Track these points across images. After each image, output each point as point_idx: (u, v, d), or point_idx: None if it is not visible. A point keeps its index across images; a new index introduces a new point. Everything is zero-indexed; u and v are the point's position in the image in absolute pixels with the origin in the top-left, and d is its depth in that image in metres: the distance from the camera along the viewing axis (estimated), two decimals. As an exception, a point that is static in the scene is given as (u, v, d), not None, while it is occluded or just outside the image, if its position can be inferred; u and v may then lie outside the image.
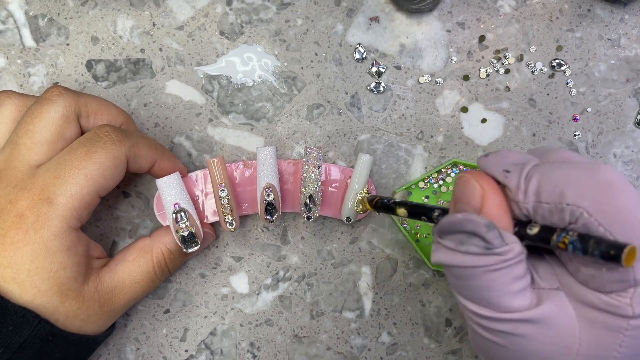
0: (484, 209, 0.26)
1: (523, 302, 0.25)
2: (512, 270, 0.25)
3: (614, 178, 0.24)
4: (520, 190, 0.26)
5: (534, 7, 0.42)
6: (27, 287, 0.30)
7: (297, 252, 0.41)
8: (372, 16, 0.41)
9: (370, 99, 0.41)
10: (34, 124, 0.32)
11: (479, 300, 0.26)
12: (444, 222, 0.26)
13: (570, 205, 0.24)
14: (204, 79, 0.41)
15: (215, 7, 0.41)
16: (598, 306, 0.25)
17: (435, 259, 0.27)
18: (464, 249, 0.25)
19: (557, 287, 0.26)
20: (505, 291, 0.25)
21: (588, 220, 0.23)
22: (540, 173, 0.25)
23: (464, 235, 0.25)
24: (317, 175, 0.37)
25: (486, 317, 0.26)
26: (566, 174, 0.25)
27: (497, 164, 0.27)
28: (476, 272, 0.25)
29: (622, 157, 0.41)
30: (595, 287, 0.25)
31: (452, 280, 0.27)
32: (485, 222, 0.24)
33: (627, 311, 0.24)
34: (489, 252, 0.25)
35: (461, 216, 0.25)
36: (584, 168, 0.25)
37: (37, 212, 0.30)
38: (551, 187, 0.25)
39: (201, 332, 0.40)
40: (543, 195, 0.25)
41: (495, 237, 0.25)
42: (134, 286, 0.35)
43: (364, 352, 0.41)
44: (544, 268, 0.27)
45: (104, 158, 0.32)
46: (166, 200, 0.35)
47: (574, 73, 0.41)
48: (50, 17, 0.41)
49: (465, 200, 0.26)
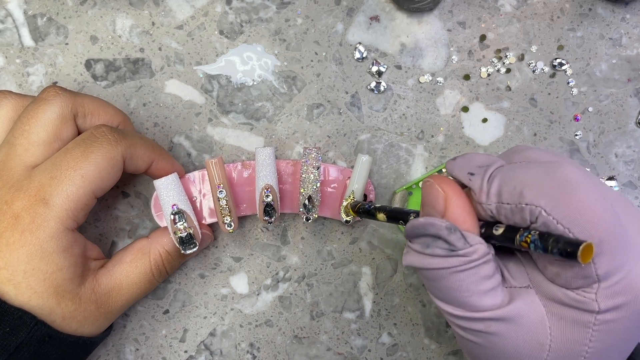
0: (447, 212, 0.26)
1: (494, 300, 0.26)
2: (479, 270, 0.26)
3: (572, 175, 0.24)
4: (482, 191, 0.26)
5: (535, 6, 0.41)
6: (23, 288, 0.30)
7: (297, 253, 0.41)
8: (373, 15, 0.41)
9: (370, 99, 0.41)
10: (31, 124, 0.32)
11: (451, 300, 0.27)
12: (409, 227, 0.27)
13: (529, 204, 0.24)
14: (203, 78, 0.41)
15: (215, 6, 0.41)
16: (566, 302, 0.25)
17: (406, 261, 0.28)
18: (429, 251, 0.26)
19: (528, 285, 0.27)
20: (474, 291, 0.26)
21: (547, 219, 0.24)
22: (502, 174, 0.26)
23: (429, 238, 0.26)
24: (316, 176, 0.37)
25: (460, 316, 0.27)
26: (526, 174, 0.25)
27: (463, 167, 0.28)
28: (443, 273, 0.26)
29: (624, 157, 0.41)
30: (562, 284, 0.25)
31: (425, 282, 0.28)
32: (446, 224, 0.25)
33: (593, 306, 0.24)
34: (452, 254, 0.26)
35: (423, 220, 0.26)
36: (543, 167, 0.25)
37: (33, 213, 0.30)
38: (511, 187, 0.25)
39: (201, 333, 0.40)
40: (504, 196, 0.25)
41: (458, 239, 0.25)
42: (132, 288, 0.35)
43: (364, 352, 0.40)
44: (515, 266, 0.28)
45: (100, 158, 0.32)
46: (164, 201, 0.35)
47: (575, 72, 0.41)
48: (49, 17, 0.41)
49: (430, 205, 0.27)
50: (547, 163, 0.26)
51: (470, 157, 0.29)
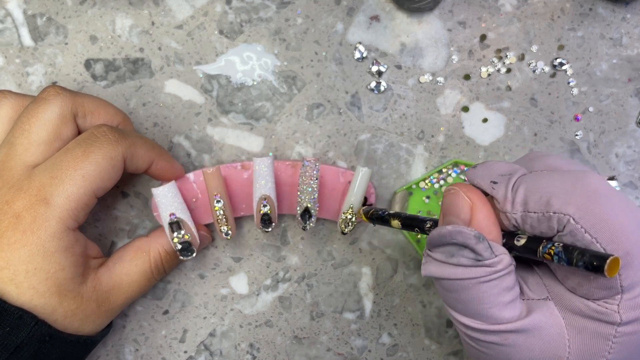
0: (473, 221, 0.26)
1: (513, 312, 0.26)
2: (502, 281, 0.25)
3: (599, 186, 0.24)
4: (507, 200, 0.26)
5: (536, 6, 0.41)
6: (25, 288, 0.30)
7: (297, 253, 0.40)
8: (373, 15, 0.41)
9: (370, 99, 0.41)
10: (31, 124, 0.32)
11: (469, 312, 0.26)
12: (434, 235, 0.26)
13: (557, 213, 0.24)
14: (203, 78, 0.41)
15: (215, 6, 0.41)
16: (586, 314, 0.25)
17: (426, 272, 0.27)
18: (454, 261, 0.26)
19: (546, 297, 0.27)
20: (495, 302, 0.25)
21: (575, 227, 0.24)
22: (526, 183, 0.26)
23: (454, 247, 0.26)
24: (314, 187, 0.36)
25: (476, 329, 0.26)
26: (552, 183, 0.25)
27: (484, 176, 0.28)
28: (466, 284, 0.26)
29: (624, 157, 0.41)
30: (583, 294, 0.25)
31: (443, 293, 0.27)
32: (474, 233, 0.25)
33: (615, 318, 0.24)
34: (479, 264, 0.25)
35: (451, 228, 0.25)
36: (569, 176, 0.25)
37: (34, 212, 0.30)
38: (538, 196, 0.25)
39: (200, 333, 0.40)
40: (530, 205, 0.25)
41: (485, 248, 0.25)
42: (131, 286, 0.35)
43: (365, 353, 0.40)
44: (533, 279, 0.28)
45: (100, 158, 0.32)
46: (162, 209, 0.35)
47: (576, 72, 0.41)
48: (49, 16, 0.40)
49: (454, 213, 0.27)
50: (572, 172, 0.26)
51: (491, 165, 0.28)
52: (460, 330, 0.28)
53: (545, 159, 0.28)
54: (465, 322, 0.27)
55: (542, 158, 0.28)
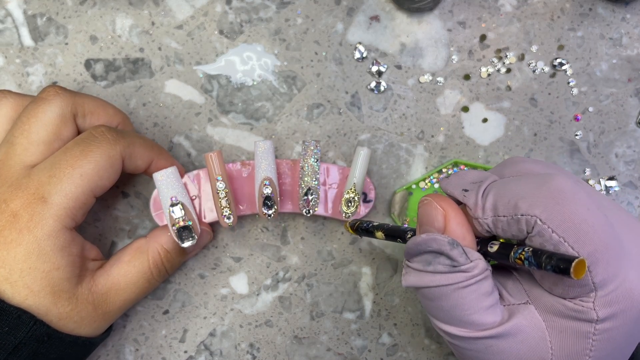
0: (447, 229, 0.27)
1: (494, 317, 0.26)
2: (480, 286, 0.26)
3: (565, 186, 0.25)
4: (478, 206, 0.27)
5: (535, 6, 0.41)
6: (20, 287, 0.30)
7: (297, 253, 0.41)
8: (373, 15, 0.41)
9: (370, 99, 0.41)
10: (30, 124, 0.32)
11: (452, 319, 0.27)
12: (410, 244, 0.27)
13: (524, 215, 0.25)
14: (203, 78, 0.41)
15: (215, 6, 0.41)
16: (565, 313, 0.25)
17: (406, 282, 0.28)
18: (431, 268, 0.26)
19: (526, 301, 0.27)
20: (476, 308, 0.26)
21: (542, 228, 0.24)
22: (495, 188, 0.27)
23: (430, 255, 0.26)
24: (315, 168, 0.36)
25: (460, 337, 0.27)
26: (519, 187, 0.26)
27: (457, 185, 0.29)
28: (445, 290, 0.26)
29: (624, 157, 0.41)
30: (559, 294, 0.25)
31: (425, 302, 0.28)
32: (448, 240, 0.26)
33: (592, 315, 0.25)
34: (455, 270, 0.26)
35: (425, 236, 0.26)
36: (536, 179, 0.26)
37: (31, 211, 0.30)
38: (506, 200, 0.26)
39: (200, 333, 0.40)
40: (499, 209, 0.26)
41: (460, 254, 0.26)
42: (130, 287, 0.35)
43: (365, 353, 0.40)
44: (512, 284, 0.28)
45: (99, 157, 0.32)
46: (163, 194, 0.35)
47: (576, 72, 0.41)
48: (49, 16, 0.40)
49: (429, 222, 0.28)
50: (539, 175, 0.27)
51: (462, 175, 0.29)
52: (447, 341, 0.29)
53: (517, 164, 0.29)
54: (449, 330, 0.27)
55: (514, 164, 0.29)
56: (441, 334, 0.28)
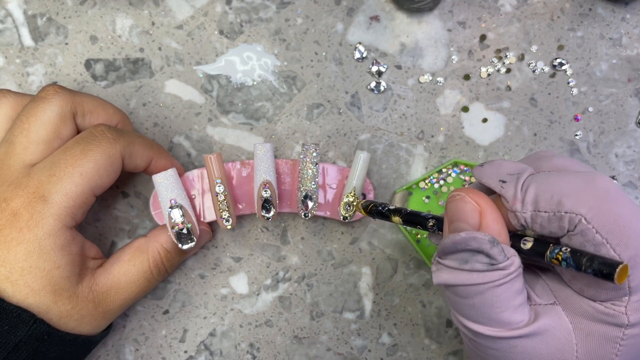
0: (483, 226, 0.26)
1: (522, 316, 0.26)
2: (514, 284, 0.25)
3: (611, 187, 0.24)
4: (517, 199, 0.26)
5: (535, 6, 0.41)
6: (20, 286, 0.30)
7: (297, 253, 0.40)
8: (373, 15, 0.41)
9: (370, 99, 0.41)
10: (30, 123, 0.32)
11: (481, 317, 0.26)
12: (447, 243, 0.26)
13: (568, 212, 0.24)
14: (203, 78, 0.41)
15: (215, 6, 0.41)
16: (594, 316, 0.25)
17: (439, 279, 0.27)
18: (468, 267, 0.25)
19: (553, 302, 0.26)
20: (507, 306, 0.25)
21: (586, 227, 0.24)
22: (537, 182, 0.26)
23: (467, 253, 0.25)
24: (315, 172, 0.37)
25: (486, 336, 0.26)
26: (563, 183, 0.25)
27: (493, 175, 0.28)
28: (481, 289, 0.25)
29: (624, 157, 0.41)
30: (590, 296, 0.25)
31: (454, 300, 0.27)
32: (489, 238, 0.25)
33: (623, 320, 0.24)
34: (493, 268, 0.25)
35: (465, 235, 0.25)
36: (580, 177, 0.25)
37: (31, 210, 0.30)
38: (549, 195, 0.25)
39: (200, 333, 0.40)
40: (541, 204, 0.25)
41: (499, 252, 0.25)
42: (130, 286, 0.35)
43: (365, 353, 0.40)
44: (539, 285, 0.28)
45: (99, 156, 0.32)
46: (162, 196, 0.35)
47: (575, 72, 0.41)
48: (49, 17, 0.41)
49: (462, 219, 0.26)
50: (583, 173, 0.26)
51: (499, 164, 0.28)
52: (467, 338, 0.28)
53: (552, 159, 0.28)
54: (475, 328, 0.26)
55: (549, 158, 0.28)
56: (464, 332, 0.27)
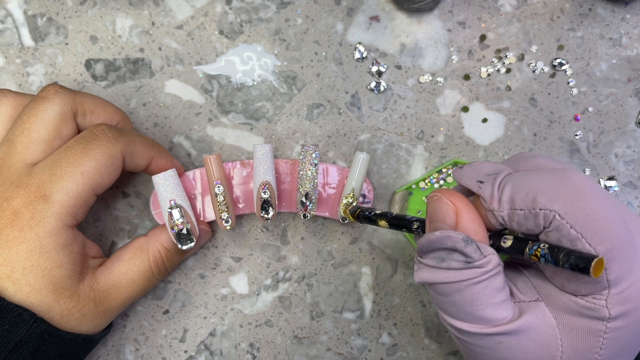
0: (459, 225, 0.26)
1: (505, 313, 0.26)
2: (493, 281, 0.26)
3: (584, 183, 0.25)
4: (494, 199, 0.26)
5: (535, 6, 0.41)
6: (22, 285, 0.30)
7: (297, 253, 0.41)
8: (373, 15, 0.41)
9: (370, 99, 0.41)
10: (31, 122, 0.32)
11: (463, 315, 0.27)
12: (423, 242, 0.27)
13: (543, 209, 0.25)
14: (203, 78, 0.41)
15: (215, 6, 0.41)
16: (576, 311, 0.25)
17: (419, 278, 0.28)
18: (445, 265, 0.26)
19: (537, 298, 0.27)
20: (488, 303, 0.26)
21: (560, 223, 0.24)
22: (512, 181, 0.26)
23: (444, 252, 0.26)
24: (314, 173, 0.37)
25: (470, 333, 0.27)
26: (538, 180, 0.26)
27: (471, 176, 0.28)
28: (459, 286, 0.26)
29: (624, 157, 0.41)
30: (571, 291, 0.25)
31: (436, 297, 0.28)
32: (462, 237, 0.25)
33: (604, 313, 0.24)
34: (469, 266, 0.26)
35: (439, 234, 0.26)
36: (555, 174, 0.26)
37: (32, 209, 0.30)
38: (524, 193, 0.25)
39: (200, 333, 0.40)
40: (517, 202, 0.26)
41: (474, 250, 0.25)
42: (131, 285, 0.35)
43: (365, 352, 0.40)
44: (522, 282, 0.28)
45: (100, 155, 0.32)
46: (162, 196, 0.35)
47: (575, 72, 0.41)
48: (49, 17, 0.41)
49: (439, 219, 0.27)
50: (558, 170, 0.26)
51: (477, 166, 0.29)
52: (454, 336, 0.28)
53: (531, 159, 0.29)
54: (459, 326, 0.27)
55: (527, 158, 0.29)
56: (450, 330, 0.28)
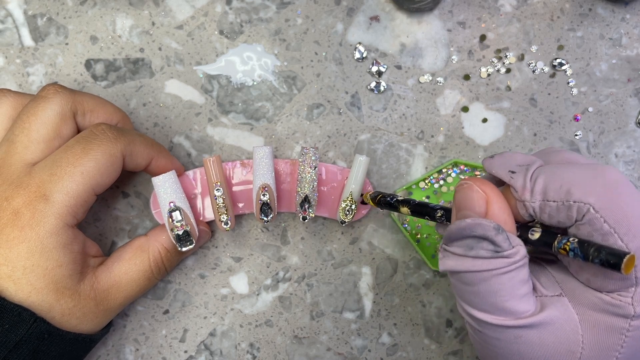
0: (489, 213, 0.26)
1: (528, 306, 0.26)
2: (519, 273, 0.26)
3: (619, 178, 0.25)
4: (526, 189, 0.26)
5: (535, 6, 0.41)
6: (23, 284, 0.30)
7: (297, 253, 0.41)
8: (373, 15, 0.41)
9: (370, 99, 0.41)
10: (31, 122, 0.32)
11: (486, 306, 0.26)
12: (453, 229, 0.26)
13: (577, 202, 0.24)
14: (203, 78, 0.41)
15: (215, 6, 0.41)
16: (600, 307, 0.25)
17: (445, 266, 0.27)
18: (473, 253, 0.26)
19: (560, 293, 0.27)
20: (512, 295, 0.26)
21: (594, 217, 0.24)
22: (546, 173, 0.26)
23: (473, 240, 0.26)
24: (313, 175, 0.37)
25: (491, 324, 0.26)
26: (572, 173, 0.25)
27: (503, 165, 0.28)
28: (486, 275, 0.26)
29: (624, 157, 0.41)
30: (597, 287, 0.25)
31: (460, 287, 0.27)
32: (493, 225, 0.25)
33: (629, 310, 0.24)
34: (497, 255, 0.25)
35: (470, 221, 0.25)
36: (589, 168, 0.26)
37: (33, 209, 0.30)
38: (558, 185, 0.25)
39: (201, 333, 0.40)
40: (550, 194, 0.25)
41: (504, 239, 0.25)
42: (131, 285, 0.35)
43: (364, 352, 0.40)
44: (545, 276, 0.28)
45: (100, 155, 0.32)
46: (161, 198, 0.35)
47: (575, 72, 0.41)
48: (49, 17, 0.41)
49: (469, 207, 0.27)
50: (592, 164, 0.26)
51: (509, 156, 0.29)
52: (472, 327, 0.28)
53: (561, 153, 0.29)
54: (480, 316, 0.26)
55: (558, 152, 0.29)
56: (469, 321, 0.28)
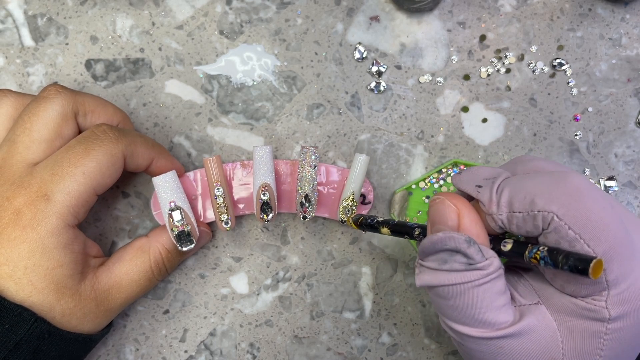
0: (461, 227, 0.27)
1: (507, 317, 0.26)
2: (494, 284, 0.26)
3: (581, 184, 0.25)
4: (493, 202, 0.27)
5: (535, 6, 0.42)
6: (24, 284, 0.30)
7: (297, 253, 0.41)
8: (373, 15, 0.41)
9: (370, 99, 0.41)
10: (32, 122, 0.32)
11: (465, 318, 0.27)
12: (426, 243, 0.27)
13: (541, 211, 0.25)
14: (203, 78, 0.41)
15: (215, 7, 0.41)
16: (577, 312, 0.25)
17: (421, 281, 0.28)
18: (447, 267, 0.26)
19: (537, 301, 0.27)
20: (489, 306, 0.26)
21: (559, 224, 0.24)
22: (510, 185, 0.27)
23: (446, 253, 0.26)
24: (313, 174, 0.37)
25: (472, 337, 0.27)
26: (535, 183, 0.26)
27: (470, 181, 0.28)
28: (461, 289, 0.26)
29: (623, 157, 0.41)
30: (571, 292, 0.25)
31: (438, 301, 0.28)
32: (465, 238, 0.25)
33: (604, 314, 0.25)
34: (471, 268, 0.26)
35: (442, 235, 0.26)
36: (552, 176, 0.26)
37: (34, 209, 0.30)
38: (522, 196, 0.26)
39: (201, 333, 0.40)
40: (515, 205, 0.26)
41: (476, 251, 0.25)
42: (131, 285, 0.35)
43: (364, 352, 0.40)
44: (522, 285, 0.28)
45: (101, 155, 0.32)
46: (162, 198, 0.35)
47: (575, 72, 0.41)
48: (50, 17, 0.41)
49: (442, 221, 0.27)
50: (555, 172, 0.26)
51: (476, 171, 0.29)
52: (455, 340, 0.28)
53: (529, 162, 0.29)
54: (461, 330, 0.27)
55: (525, 162, 0.29)
56: (451, 335, 0.28)
